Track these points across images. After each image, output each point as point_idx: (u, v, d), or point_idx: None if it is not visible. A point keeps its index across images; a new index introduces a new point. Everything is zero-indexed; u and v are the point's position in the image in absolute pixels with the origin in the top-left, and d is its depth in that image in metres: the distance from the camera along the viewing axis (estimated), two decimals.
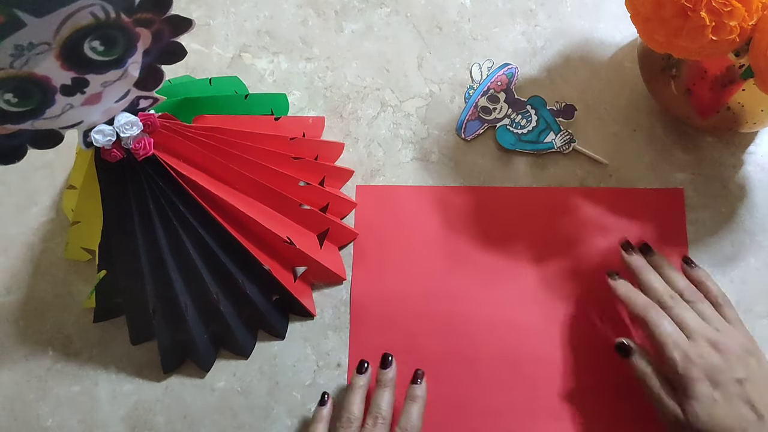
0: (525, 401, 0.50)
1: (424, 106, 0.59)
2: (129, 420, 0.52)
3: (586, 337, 0.52)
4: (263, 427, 0.51)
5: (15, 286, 0.55)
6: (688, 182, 0.55)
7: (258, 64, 0.61)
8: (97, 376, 0.53)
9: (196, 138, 0.43)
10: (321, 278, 0.54)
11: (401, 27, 0.61)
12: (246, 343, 0.53)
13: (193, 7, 0.62)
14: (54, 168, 0.58)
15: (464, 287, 0.53)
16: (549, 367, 0.51)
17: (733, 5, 0.39)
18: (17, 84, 0.32)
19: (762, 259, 0.53)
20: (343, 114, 0.59)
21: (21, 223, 0.57)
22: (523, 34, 0.60)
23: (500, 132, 0.57)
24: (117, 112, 0.39)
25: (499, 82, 0.58)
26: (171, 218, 0.43)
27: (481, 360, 0.51)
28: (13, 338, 0.54)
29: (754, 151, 0.56)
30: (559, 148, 0.56)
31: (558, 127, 0.56)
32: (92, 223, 0.46)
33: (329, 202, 0.53)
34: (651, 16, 0.43)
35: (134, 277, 0.46)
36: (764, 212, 0.54)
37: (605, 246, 0.53)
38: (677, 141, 0.56)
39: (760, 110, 0.48)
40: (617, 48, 0.59)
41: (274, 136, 0.50)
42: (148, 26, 0.34)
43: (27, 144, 0.36)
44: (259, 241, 0.49)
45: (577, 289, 0.53)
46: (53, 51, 0.32)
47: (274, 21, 0.62)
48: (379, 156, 0.58)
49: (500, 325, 0.52)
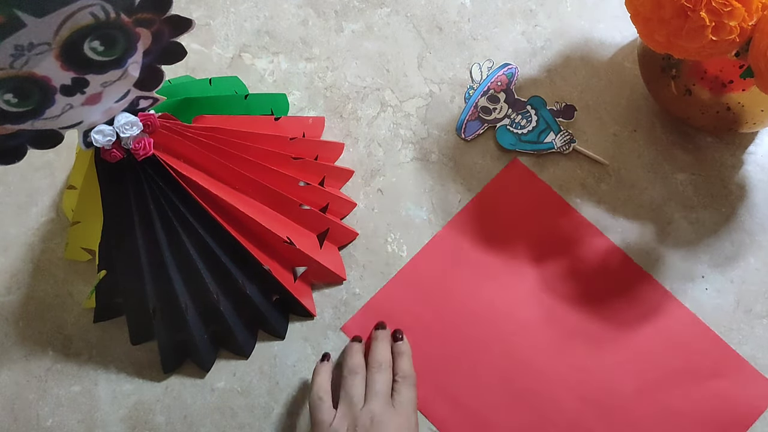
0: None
1: (424, 106, 0.59)
2: (129, 420, 0.52)
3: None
4: (263, 427, 0.51)
5: (15, 286, 0.55)
6: (688, 182, 0.55)
7: (258, 64, 0.61)
8: (97, 376, 0.53)
9: (196, 138, 0.43)
10: (321, 278, 0.54)
11: (401, 27, 0.61)
12: (246, 343, 0.53)
13: (193, 7, 0.62)
14: (54, 168, 0.58)
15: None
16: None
17: (733, 5, 0.39)
18: (17, 84, 0.32)
19: (762, 259, 0.53)
20: (343, 114, 0.59)
21: (21, 223, 0.57)
22: (523, 34, 0.60)
23: (500, 132, 0.57)
24: (117, 112, 0.39)
25: (499, 82, 0.58)
26: (171, 218, 0.43)
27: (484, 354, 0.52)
28: (13, 338, 0.54)
29: (754, 151, 0.56)
30: (559, 149, 0.56)
31: (558, 127, 0.56)
32: (92, 223, 0.46)
33: (329, 202, 0.53)
34: (651, 16, 0.43)
35: (134, 277, 0.46)
36: (764, 212, 0.54)
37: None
38: (677, 141, 0.56)
39: (760, 110, 0.48)
40: (617, 48, 0.59)
41: (274, 136, 0.50)
42: (148, 26, 0.34)
43: (27, 144, 0.36)
44: (259, 241, 0.49)
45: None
46: (53, 51, 0.32)
47: (274, 21, 0.62)
48: (379, 156, 0.58)
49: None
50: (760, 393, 0.50)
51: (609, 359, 0.51)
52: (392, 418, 0.46)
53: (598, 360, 0.51)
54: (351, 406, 0.47)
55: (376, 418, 0.46)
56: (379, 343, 0.51)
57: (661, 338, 0.51)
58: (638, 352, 0.51)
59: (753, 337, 0.51)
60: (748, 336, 0.52)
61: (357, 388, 0.48)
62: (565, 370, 0.51)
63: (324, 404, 0.48)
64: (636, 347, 0.51)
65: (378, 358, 0.50)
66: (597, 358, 0.51)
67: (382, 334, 0.52)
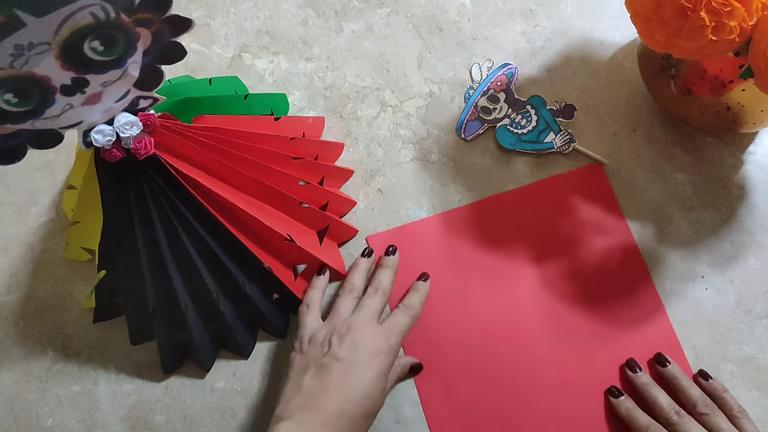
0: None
1: (424, 106, 0.59)
2: (129, 420, 0.52)
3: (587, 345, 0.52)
4: (263, 427, 0.51)
5: (15, 286, 0.55)
6: (688, 182, 0.55)
7: (258, 64, 0.61)
8: (97, 376, 0.53)
9: (196, 138, 0.43)
10: None
11: (401, 27, 0.61)
12: (246, 343, 0.53)
13: (193, 7, 0.62)
14: (54, 168, 0.58)
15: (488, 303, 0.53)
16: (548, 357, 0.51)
17: (732, 5, 0.39)
18: (17, 84, 0.32)
19: (762, 259, 0.53)
20: (343, 114, 0.59)
21: (21, 223, 0.57)
22: (523, 34, 0.60)
23: (500, 132, 0.57)
24: (117, 112, 0.39)
25: (499, 82, 0.58)
26: (171, 218, 0.43)
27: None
28: (13, 338, 0.54)
29: (754, 151, 0.56)
30: (559, 148, 0.56)
31: (558, 127, 0.56)
32: (92, 223, 0.46)
33: (329, 200, 0.53)
34: (651, 16, 0.43)
35: (134, 277, 0.46)
36: (764, 212, 0.54)
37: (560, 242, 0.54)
38: (677, 141, 0.56)
39: (760, 110, 0.48)
40: (617, 48, 0.59)
41: (274, 136, 0.50)
42: (148, 26, 0.34)
43: (27, 144, 0.36)
44: (259, 239, 0.49)
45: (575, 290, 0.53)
46: (53, 51, 0.32)
47: (274, 21, 0.62)
48: (379, 156, 0.58)
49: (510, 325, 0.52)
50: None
51: (601, 357, 0.51)
52: (371, 332, 0.45)
53: (590, 356, 0.51)
54: (336, 317, 0.47)
55: (353, 326, 0.45)
56: (383, 269, 0.50)
57: (640, 348, 0.51)
58: (621, 355, 0.51)
59: (753, 337, 0.52)
60: (748, 336, 0.52)
61: (346, 306, 0.48)
62: (563, 368, 0.51)
63: (311, 311, 0.48)
64: (621, 351, 0.51)
65: (376, 283, 0.49)
66: (589, 354, 0.51)
67: (389, 261, 0.51)
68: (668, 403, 0.47)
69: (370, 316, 0.47)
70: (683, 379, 0.49)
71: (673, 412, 0.46)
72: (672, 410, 0.47)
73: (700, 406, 0.47)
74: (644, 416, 0.47)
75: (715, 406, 0.47)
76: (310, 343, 0.46)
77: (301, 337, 0.47)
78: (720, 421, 0.46)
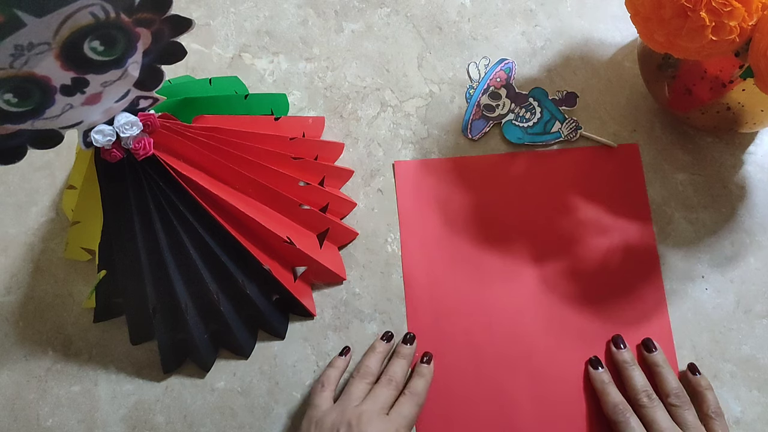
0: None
1: (424, 106, 0.59)
2: (129, 420, 0.52)
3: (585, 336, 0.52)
4: (263, 427, 0.51)
5: (15, 286, 0.55)
6: (688, 182, 0.55)
7: (258, 64, 0.61)
8: (97, 376, 0.53)
9: (196, 138, 0.43)
10: (321, 278, 0.54)
11: (401, 27, 0.61)
12: (246, 343, 0.53)
13: (193, 7, 0.62)
14: (54, 168, 0.58)
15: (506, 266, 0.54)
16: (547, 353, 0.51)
17: (733, 5, 0.39)
18: (17, 84, 0.32)
19: (762, 259, 0.53)
20: (343, 114, 0.59)
21: (21, 223, 0.57)
22: (523, 34, 0.60)
23: (506, 127, 0.57)
24: (117, 112, 0.38)
25: (498, 78, 0.58)
26: (171, 218, 0.43)
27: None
28: (12, 338, 0.54)
29: (754, 151, 0.56)
30: (567, 137, 0.56)
31: (563, 116, 0.56)
32: (92, 223, 0.46)
33: (329, 202, 0.53)
34: (651, 16, 0.43)
35: (134, 277, 0.46)
36: (764, 212, 0.54)
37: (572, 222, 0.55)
38: (677, 141, 0.56)
39: (760, 110, 0.48)
40: (617, 48, 0.59)
41: (274, 136, 0.50)
42: (148, 26, 0.34)
43: (27, 144, 0.36)
44: (259, 241, 0.49)
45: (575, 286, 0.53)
46: (53, 51, 0.32)
47: (274, 21, 0.62)
48: (379, 156, 0.58)
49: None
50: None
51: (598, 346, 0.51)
52: (381, 423, 0.44)
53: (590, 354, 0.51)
54: (347, 402, 0.46)
55: (363, 417, 0.44)
56: (399, 360, 0.50)
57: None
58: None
59: (753, 337, 0.52)
60: (748, 336, 0.52)
61: (359, 391, 0.47)
62: (562, 368, 0.51)
63: (324, 391, 0.48)
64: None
65: (390, 373, 0.49)
66: (592, 352, 0.51)
67: (406, 351, 0.51)
68: (642, 384, 0.47)
69: (381, 408, 0.46)
70: (665, 367, 0.49)
71: (645, 395, 0.46)
72: (644, 393, 0.47)
73: (672, 398, 0.47)
74: (617, 393, 0.47)
75: (689, 401, 0.47)
76: (317, 427, 0.45)
77: (309, 418, 0.47)
78: (688, 415, 0.46)
